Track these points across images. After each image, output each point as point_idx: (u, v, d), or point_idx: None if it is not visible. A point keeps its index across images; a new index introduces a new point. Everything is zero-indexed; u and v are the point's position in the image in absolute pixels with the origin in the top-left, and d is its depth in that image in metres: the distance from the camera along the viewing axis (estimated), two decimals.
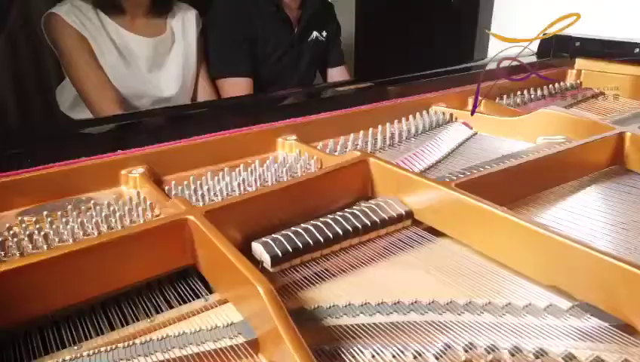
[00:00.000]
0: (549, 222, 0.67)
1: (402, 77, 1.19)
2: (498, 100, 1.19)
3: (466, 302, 0.51)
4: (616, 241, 0.62)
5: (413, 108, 1.07)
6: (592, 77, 1.35)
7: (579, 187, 0.77)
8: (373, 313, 0.49)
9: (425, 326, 0.48)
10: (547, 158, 0.72)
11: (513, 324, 0.48)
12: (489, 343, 0.45)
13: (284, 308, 0.42)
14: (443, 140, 0.97)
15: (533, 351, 0.44)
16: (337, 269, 0.58)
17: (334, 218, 0.63)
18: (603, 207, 0.71)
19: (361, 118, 1.00)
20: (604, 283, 0.48)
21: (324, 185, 0.69)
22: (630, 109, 1.10)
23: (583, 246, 0.50)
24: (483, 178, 0.66)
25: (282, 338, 0.40)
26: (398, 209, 0.66)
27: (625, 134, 0.81)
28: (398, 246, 0.63)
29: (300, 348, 0.39)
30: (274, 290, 0.43)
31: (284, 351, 0.40)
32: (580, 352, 0.44)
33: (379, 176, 0.72)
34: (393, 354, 0.44)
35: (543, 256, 0.52)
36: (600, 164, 0.81)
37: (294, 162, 0.82)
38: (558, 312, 0.49)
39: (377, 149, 0.92)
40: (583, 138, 0.80)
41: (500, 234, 0.56)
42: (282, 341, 0.40)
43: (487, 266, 0.57)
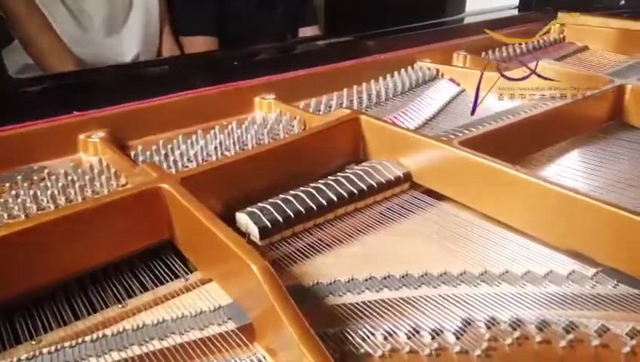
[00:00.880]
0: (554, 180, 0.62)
1: (384, 31, 1.11)
2: (484, 55, 1.13)
3: (480, 271, 0.46)
4: (624, 199, 0.58)
5: (396, 64, 1.00)
6: (576, 30, 1.31)
7: (579, 143, 0.73)
8: (380, 288, 0.44)
9: (439, 301, 0.42)
10: (550, 113, 0.67)
11: (536, 295, 0.43)
12: (513, 317, 0.40)
13: (282, 288, 0.36)
14: (431, 98, 0.91)
15: (563, 325, 0.39)
16: (333, 239, 0.52)
17: (326, 183, 0.57)
18: (607, 164, 0.67)
19: (343, 75, 0.92)
20: (629, 244, 0.44)
21: (311, 147, 0.62)
22: (621, 62, 1.06)
23: (605, 204, 0.45)
24: (487, 135, 0.60)
25: (283, 322, 0.34)
26: (396, 171, 0.60)
27: (625, 87, 0.77)
28: (397, 212, 0.57)
29: (305, 333, 0.33)
30: (270, 267, 0.36)
31: (286, 336, 0.34)
32: (615, 324, 0.39)
33: (372, 136, 0.65)
34: (408, 335, 0.38)
35: (561, 217, 0.48)
36: (600, 118, 0.77)
37: (275, 123, 0.74)
38: (583, 280, 0.44)
39: (362, 108, 0.85)
40: (580, 92, 0.75)
41: (511, 195, 0.51)
42: (283, 325, 0.34)
43: (497, 231, 0.52)
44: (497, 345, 0.38)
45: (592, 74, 0.86)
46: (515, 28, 1.30)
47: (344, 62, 0.95)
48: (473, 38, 1.18)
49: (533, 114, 0.66)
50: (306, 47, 1.08)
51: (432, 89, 0.94)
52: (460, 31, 1.22)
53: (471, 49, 1.13)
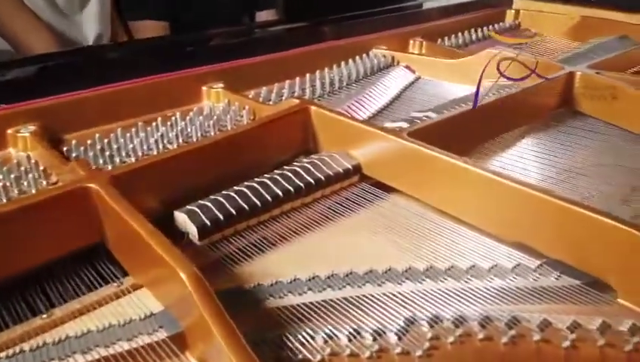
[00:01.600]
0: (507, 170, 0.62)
1: (339, 17, 1.09)
2: (440, 42, 1.12)
3: (426, 267, 0.45)
4: (574, 189, 0.58)
5: (351, 51, 0.98)
6: (531, 17, 1.31)
7: (530, 132, 0.73)
8: (323, 288, 0.42)
9: (383, 300, 0.41)
10: (500, 102, 0.67)
11: (480, 290, 0.42)
12: (456, 314, 0.39)
13: (213, 296, 0.33)
14: (386, 85, 0.89)
15: (506, 321, 0.38)
16: (278, 237, 0.50)
17: (272, 177, 0.54)
18: (558, 153, 0.67)
19: (295, 63, 0.89)
20: (573, 236, 0.43)
21: (258, 139, 0.59)
22: (573, 49, 1.07)
23: (550, 196, 0.45)
24: (437, 125, 0.59)
25: (212, 332, 0.32)
26: (345, 163, 0.58)
27: (575, 74, 0.78)
28: (345, 206, 0.55)
29: (235, 343, 0.31)
30: (199, 273, 0.34)
31: (216, 346, 0.32)
32: (556, 317, 0.39)
33: (322, 127, 0.63)
34: (349, 337, 0.37)
35: (507, 209, 0.47)
36: (551, 106, 0.77)
37: (223, 114, 0.71)
38: (527, 272, 0.44)
39: (316, 97, 0.82)
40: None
41: (458, 187, 0.50)
42: (212, 335, 0.32)
43: (446, 224, 0.51)
44: (439, 344, 0.37)
45: (540, 60, 0.86)
46: (473, 14, 1.30)
47: (298, 49, 0.93)
48: (429, 24, 1.17)
49: (483, 103, 0.65)
50: (258, 34, 1.04)
51: (387, 77, 0.92)
52: (418, 17, 1.21)
53: (427, 36, 1.11)
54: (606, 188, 0.60)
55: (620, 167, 0.65)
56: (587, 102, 0.77)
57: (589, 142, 0.71)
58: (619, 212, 0.54)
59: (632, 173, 0.64)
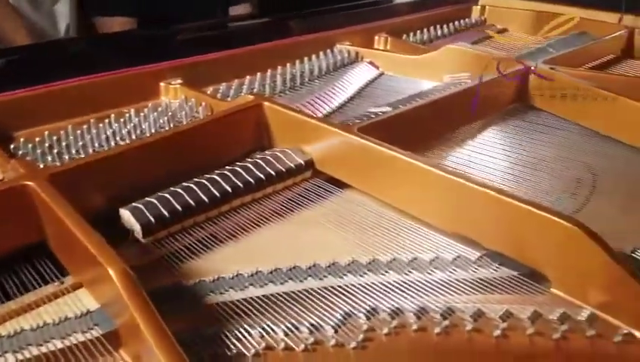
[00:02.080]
0: (456, 165, 0.63)
1: (304, 12, 1.09)
2: (405, 38, 1.13)
3: (369, 260, 0.45)
4: (527, 182, 0.59)
5: (315, 46, 0.98)
6: (497, 13, 1.33)
7: (484, 127, 0.74)
8: (264, 283, 0.42)
9: (324, 293, 0.41)
10: (452, 97, 0.67)
11: (420, 282, 0.43)
12: (393, 307, 0.40)
13: (143, 294, 0.33)
14: (348, 81, 0.90)
15: (441, 311, 0.39)
16: (226, 234, 0.50)
17: (222, 173, 0.54)
18: (512, 147, 0.68)
19: (257, 59, 0.89)
20: (512, 228, 0.44)
21: (210, 135, 0.59)
22: (534, 45, 1.09)
23: (488, 188, 0.46)
24: (387, 121, 0.59)
25: (142, 332, 0.31)
26: (297, 159, 0.59)
27: (529, 69, 0.79)
28: (297, 202, 0.56)
29: (164, 341, 0.31)
30: (129, 272, 0.34)
31: (146, 346, 0.32)
32: (490, 307, 0.40)
33: (275, 123, 0.63)
34: (286, 331, 0.37)
35: (449, 202, 0.48)
36: (505, 101, 0.78)
37: (178, 110, 0.70)
38: (467, 264, 0.45)
39: (277, 93, 0.82)
40: (488, 75, 0.76)
41: (403, 181, 0.51)
42: (142, 333, 0.32)
43: (392, 218, 0.52)
44: (374, 336, 0.38)
45: (498, 56, 0.87)
46: (440, 10, 1.31)
47: (260, 45, 0.92)
48: (395, 20, 1.18)
49: (435, 98, 0.66)
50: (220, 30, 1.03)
51: (350, 72, 0.93)
52: (384, 13, 1.22)
53: (393, 32, 1.12)
54: (556, 181, 0.61)
55: (571, 161, 0.67)
56: (541, 97, 0.79)
57: (542, 136, 0.72)
58: (566, 204, 0.55)
59: (580, 166, 0.65)
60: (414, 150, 0.53)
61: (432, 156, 0.64)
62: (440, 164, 0.61)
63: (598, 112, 0.72)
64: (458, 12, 1.33)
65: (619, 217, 0.56)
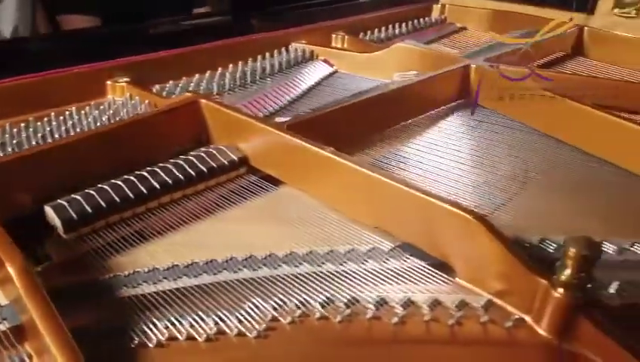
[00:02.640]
0: (389, 161, 0.65)
1: (258, 11, 1.09)
2: (362, 36, 1.14)
3: (286, 253, 0.47)
4: (466, 176, 0.61)
5: (270, 45, 0.99)
6: (456, 12, 1.35)
7: (427, 122, 0.76)
8: (178, 276, 0.43)
9: (236, 286, 0.43)
10: (386, 95, 0.69)
11: (331, 273, 0.44)
12: (301, 297, 0.41)
13: (41, 291, 0.34)
14: (300, 79, 0.91)
15: (345, 300, 0.41)
16: (154, 230, 0.51)
17: (152, 170, 0.55)
18: (452, 143, 0.70)
19: (209, 57, 0.90)
20: (420, 221, 0.46)
21: (144, 133, 0.60)
22: (486, 42, 1.11)
23: (399, 183, 0.47)
24: (318, 118, 0.61)
25: (38, 328, 0.32)
26: (231, 156, 0.60)
27: (470, 67, 0.81)
28: (229, 198, 0.57)
29: (59, 336, 0.32)
30: (27, 269, 0.35)
31: (43, 341, 0.33)
32: (393, 296, 0.41)
33: (212, 121, 0.64)
34: (191, 323, 0.38)
35: (366, 197, 0.49)
36: (447, 98, 0.80)
37: (121, 108, 0.71)
38: (379, 255, 0.46)
39: (225, 91, 0.83)
40: (430, 72, 0.78)
41: (326, 177, 0.52)
42: (38, 328, 0.33)
43: (319, 212, 0.53)
44: (278, 325, 0.39)
45: (444, 54, 0.90)
46: (400, 8, 1.32)
47: (213, 43, 0.93)
48: (354, 18, 1.19)
49: (368, 96, 0.68)
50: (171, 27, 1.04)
51: (302, 70, 0.94)
52: (343, 11, 1.23)
53: (352, 30, 1.13)
54: (491, 176, 0.63)
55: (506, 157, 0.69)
56: (483, 93, 0.81)
57: (481, 132, 0.74)
58: (495, 198, 0.57)
59: (514, 161, 0.67)
60: (345, 147, 0.55)
61: (366, 152, 0.66)
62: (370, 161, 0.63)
63: (538, 111, 0.74)
64: (419, 11, 1.35)
65: (547, 210, 0.58)
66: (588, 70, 1.02)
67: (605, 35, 1.06)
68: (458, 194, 0.58)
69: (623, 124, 0.64)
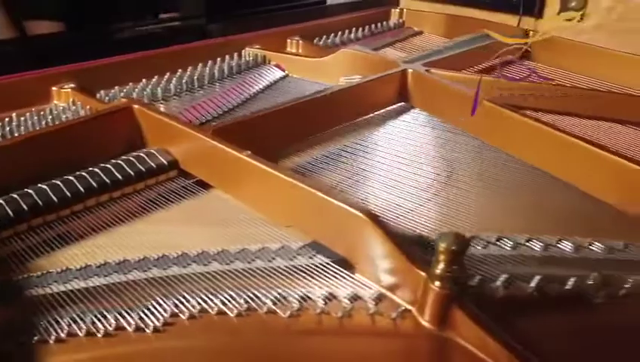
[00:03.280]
0: (325, 163, 0.67)
1: (213, 16, 1.12)
2: (316, 41, 1.17)
3: (197, 253, 0.49)
4: (398, 178, 0.64)
5: (223, 50, 1.01)
6: (414, 16, 1.38)
7: (363, 125, 0.79)
8: (89, 276, 0.45)
9: (144, 284, 0.45)
10: (317, 99, 0.72)
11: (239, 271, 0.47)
12: (204, 294, 0.44)
13: None
14: (249, 83, 0.93)
15: (245, 297, 0.43)
16: (77, 233, 0.52)
17: (79, 174, 0.57)
18: (385, 145, 0.73)
19: (159, 62, 0.92)
20: (324, 220, 0.49)
21: (75, 138, 0.62)
22: (436, 46, 1.14)
23: (306, 185, 0.50)
24: (245, 122, 0.63)
25: None
26: (160, 159, 0.62)
27: (407, 71, 0.84)
28: (157, 201, 0.59)
29: None
30: None
31: None
32: (291, 291, 0.44)
33: (145, 125, 0.66)
34: (93, 320, 0.41)
35: (279, 198, 0.52)
36: (384, 101, 0.83)
37: (62, 114, 0.73)
38: (288, 253, 0.49)
39: (170, 95, 0.85)
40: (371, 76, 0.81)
41: (245, 180, 0.55)
42: None
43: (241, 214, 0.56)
44: (176, 321, 0.41)
45: (385, 59, 0.92)
46: (359, 13, 1.35)
47: (164, 49, 0.95)
48: (312, 23, 1.21)
49: (298, 101, 0.70)
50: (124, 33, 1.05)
51: (252, 75, 0.96)
52: (300, 16, 1.25)
53: (308, 34, 1.15)
54: (418, 176, 0.66)
55: (435, 157, 0.72)
56: (418, 97, 0.84)
57: (414, 134, 0.77)
58: (420, 198, 0.60)
59: (441, 161, 0.70)
60: (274, 150, 0.57)
61: (299, 155, 0.69)
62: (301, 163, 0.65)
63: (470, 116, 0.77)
64: (378, 15, 1.38)
65: (473, 208, 0.61)
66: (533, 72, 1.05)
67: (550, 39, 1.10)
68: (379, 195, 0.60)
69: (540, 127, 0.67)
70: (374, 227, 0.44)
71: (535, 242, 0.51)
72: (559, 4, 1.17)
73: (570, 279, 0.46)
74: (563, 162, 0.63)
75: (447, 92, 0.78)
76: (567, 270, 0.48)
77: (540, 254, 0.50)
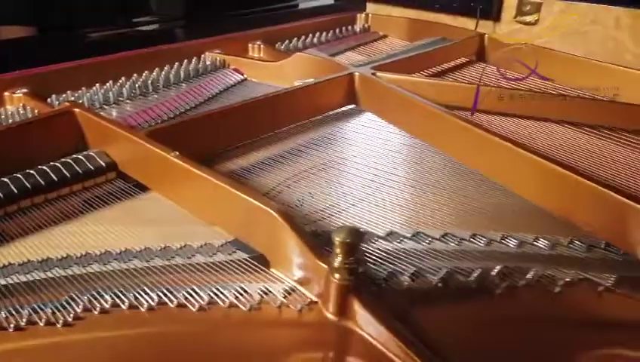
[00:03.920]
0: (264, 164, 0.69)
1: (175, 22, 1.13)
2: (278, 45, 1.18)
3: (118, 251, 0.50)
4: (336, 178, 0.66)
5: (183, 54, 1.02)
6: (379, 21, 1.40)
7: (311, 127, 0.81)
8: (10, 274, 0.47)
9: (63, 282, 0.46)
10: (257, 102, 0.73)
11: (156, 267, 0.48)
12: (117, 290, 0.45)
13: None
14: (204, 87, 0.95)
15: (158, 292, 0.45)
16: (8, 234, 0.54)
17: (14, 176, 0.58)
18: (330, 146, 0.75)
19: (115, 67, 0.93)
20: (240, 217, 0.51)
21: (17, 141, 0.63)
22: (394, 50, 1.17)
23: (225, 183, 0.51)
24: (181, 125, 0.65)
25: None
26: (99, 161, 0.63)
27: (354, 75, 0.86)
28: (93, 202, 0.60)
29: None
30: None
31: None
32: (203, 287, 0.45)
33: (87, 129, 0.68)
34: (6, 315, 0.42)
35: (203, 197, 0.54)
36: (332, 104, 0.85)
37: (9, 118, 0.74)
38: (209, 249, 0.50)
39: (124, 100, 0.87)
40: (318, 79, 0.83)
41: (173, 180, 0.56)
42: None
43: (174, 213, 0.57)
44: (88, 315, 0.43)
45: (336, 63, 0.94)
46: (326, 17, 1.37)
47: (121, 53, 0.97)
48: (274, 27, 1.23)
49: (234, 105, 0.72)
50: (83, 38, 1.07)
51: (210, 78, 0.98)
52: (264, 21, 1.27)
53: (269, 39, 1.17)
54: (357, 178, 0.68)
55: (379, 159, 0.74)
56: (365, 99, 0.86)
57: (361, 137, 0.79)
58: (355, 197, 0.62)
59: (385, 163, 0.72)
60: (209, 152, 0.58)
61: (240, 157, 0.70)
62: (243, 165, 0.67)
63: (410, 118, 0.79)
64: (344, 20, 1.40)
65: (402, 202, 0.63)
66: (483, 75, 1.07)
67: (502, 41, 1.12)
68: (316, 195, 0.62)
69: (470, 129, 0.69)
70: (284, 223, 0.45)
71: (450, 237, 0.53)
72: (515, 8, 1.20)
73: (475, 272, 0.48)
74: (490, 162, 0.65)
75: (391, 95, 0.80)
76: (475, 263, 0.49)
77: (452, 248, 0.52)
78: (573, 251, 0.51)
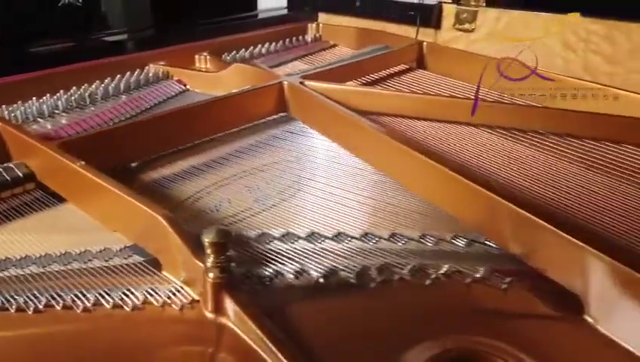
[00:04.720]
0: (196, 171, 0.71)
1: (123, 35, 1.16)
2: (225, 56, 1.21)
3: (19, 257, 0.52)
4: (256, 184, 0.68)
5: (126, 67, 1.05)
6: (330, 30, 1.43)
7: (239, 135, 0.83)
8: None
9: None
10: (176, 112, 0.76)
11: (52, 272, 0.50)
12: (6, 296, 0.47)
13: None
14: (144, 99, 0.97)
15: (47, 297, 0.47)
16: None
17: None
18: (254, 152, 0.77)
19: (57, 80, 0.94)
20: (137, 223, 0.53)
21: None
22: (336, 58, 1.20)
23: (119, 190, 0.54)
24: (96, 136, 0.67)
25: None
26: (16, 172, 0.65)
27: (283, 84, 0.89)
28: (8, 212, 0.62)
29: None
30: None
31: None
32: (90, 289, 0.48)
33: (8, 141, 0.69)
34: None
35: (103, 204, 0.56)
36: (262, 112, 0.87)
37: None
38: (106, 255, 0.53)
39: (60, 112, 0.89)
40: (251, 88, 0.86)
41: (80, 189, 0.58)
42: None
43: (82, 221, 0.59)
44: None
45: (268, 72, 0.97)
46: (277, 27, 1.40)
47: (62, 67, 0.98)
48: (224, 38, 1.25)
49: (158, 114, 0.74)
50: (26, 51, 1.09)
51: (150, 90, 1.00)
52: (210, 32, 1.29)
53: (215, 50, 1.20)
54: (276, 184, 0.70)
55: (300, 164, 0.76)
56: (294, 107, 0.89)
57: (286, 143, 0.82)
58: (273, 201, 0.64)
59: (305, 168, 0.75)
60: (127, 162, 0.59)
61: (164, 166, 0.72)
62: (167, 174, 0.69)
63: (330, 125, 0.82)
64: (296, 30, 1.43)
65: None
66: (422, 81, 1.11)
67: (440, 48, 1.16)
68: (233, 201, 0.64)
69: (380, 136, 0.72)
70: (167, 226, 0.48)
71: (343, 236, 0.56)
72: (454, 17, 1.24)
73: (354, 268, 0.50)
74: (392, 165, 0.68)
75: (314, 103, 0.83)
76: (363, 260, 0.52)
77: (345, 247, 0.54)
78: (454, 246, 0.54)
